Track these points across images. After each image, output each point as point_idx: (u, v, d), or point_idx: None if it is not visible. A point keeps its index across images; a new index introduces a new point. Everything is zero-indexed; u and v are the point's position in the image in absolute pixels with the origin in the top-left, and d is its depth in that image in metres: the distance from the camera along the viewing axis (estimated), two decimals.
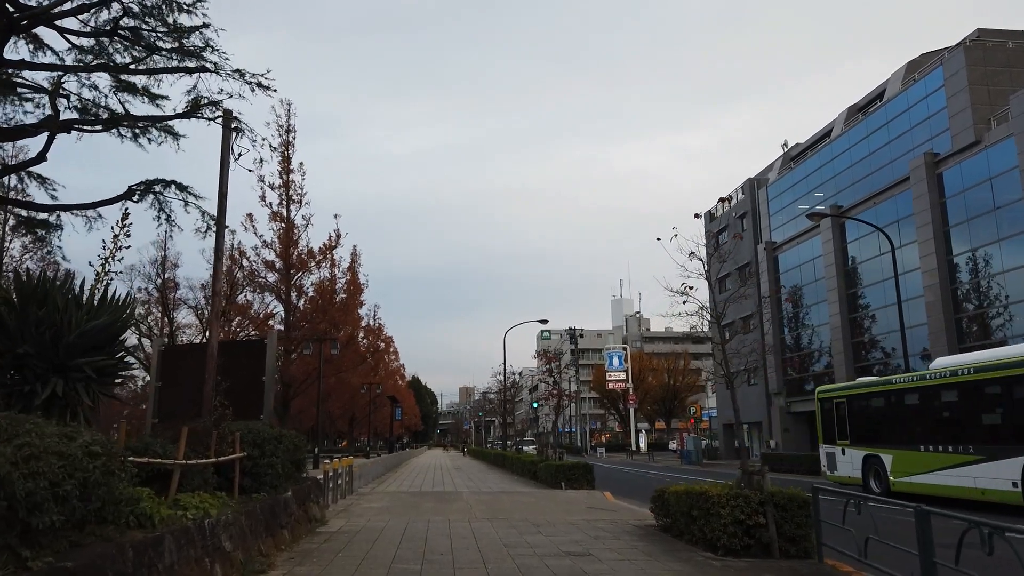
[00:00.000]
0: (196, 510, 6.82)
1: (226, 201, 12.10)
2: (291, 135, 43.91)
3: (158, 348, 12.21)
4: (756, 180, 47.04)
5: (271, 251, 42.55)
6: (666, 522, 10.93)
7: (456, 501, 16.13)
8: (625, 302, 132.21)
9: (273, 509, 8.99)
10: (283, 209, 42.95)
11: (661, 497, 11.00)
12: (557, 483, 20.63)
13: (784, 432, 41.07)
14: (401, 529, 11.06)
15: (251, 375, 11.58)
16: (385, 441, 76.28)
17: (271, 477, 9.79)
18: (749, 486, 9.26)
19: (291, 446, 10.97)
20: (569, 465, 20.79)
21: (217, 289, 11.74)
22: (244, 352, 11.97)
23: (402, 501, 16.16)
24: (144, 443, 7.47)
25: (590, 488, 20.30)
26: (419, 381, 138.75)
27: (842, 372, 35.57)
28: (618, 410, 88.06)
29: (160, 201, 11.26)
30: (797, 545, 8.68)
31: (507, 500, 16.54)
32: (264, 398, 11.45)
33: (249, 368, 11.69)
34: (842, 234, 36.54)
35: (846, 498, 7.33)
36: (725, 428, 50.48)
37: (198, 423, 9.27)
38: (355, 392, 52.13)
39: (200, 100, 10.45)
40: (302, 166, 43.24)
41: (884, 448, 18.75)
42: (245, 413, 11.06)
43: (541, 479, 22.96)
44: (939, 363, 18.42)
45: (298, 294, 43.05)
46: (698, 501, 9.33)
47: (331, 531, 10.85)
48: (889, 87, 35.06)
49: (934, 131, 30.61)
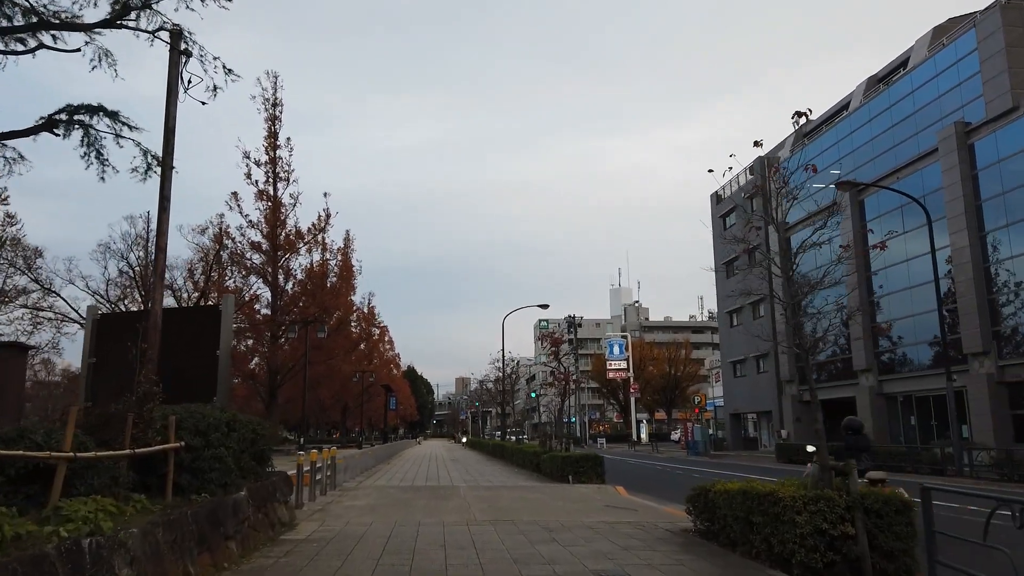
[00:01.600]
0: (81, 523, 4.79)
1: (174, 137, 9.99)
2: (278, 109, 41.61)
3: (93, 317, 10.15)
4: (767, 158, 44.90)
5: (257, 231, 40.31)
6: (708, 527, 8.96)
7: (452, 498, 14.12)
8: (624, 291, 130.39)
9: (215, 515, 6.95)
10: (269, 187, 40.66)
11: (702, 497, 9.01)
12: (563, 476, 18.65)
13: (796, 422, 39.17)
14: (385, 535, 9.04)
15: (203, 349, 9.54)
16: (380, 432, 74.38)
17: (218, 473, 7.77)
18: (828, 486, 7.27)
19: (249, 434, 8.94)
20: (577, 457, 18.80)
21: (162, 244, 9.64)
22: (195, 321, 9.91)
23: (391, 498, 14.14)
24: (18, 431, 5.43)
25: (600, 482, 18.33)
26: (415, 371, 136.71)
27: (861, 359, 33.64)
28: (618, 400, 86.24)
29: (89, 135, 9.16)
30: (895, 562, 6.69)
31: (510, 496, 14.54)
32: (219, 376, 9.40)
33: (201, 340, 9.65)
34: (861, 212, 34.51)
35: (996, 502, 5.26)
36: (732, 418, 48.61)
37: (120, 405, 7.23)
38: (347, 380, 50.09)
39: (130, 3, 8.31)
40: (289, 141, 41.02)
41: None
42: (195, 394, 9.04)
43: (545, 472, 20.99)
44: None
45: (286, 276, 40.81)
46: (762, 504, 7.31)
47: (298, 539, 8.82)
48: (913, 55, 32.94)
49: (965, 99, 28.56)
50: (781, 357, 40.89)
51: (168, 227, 9.88)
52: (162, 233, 9.82)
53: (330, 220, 40.38)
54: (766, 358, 43.58)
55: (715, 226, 50.74)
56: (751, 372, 45.62)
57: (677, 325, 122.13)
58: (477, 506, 12.50)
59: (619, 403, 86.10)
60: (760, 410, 45.14)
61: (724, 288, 49.26)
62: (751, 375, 45.66)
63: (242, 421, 8.81)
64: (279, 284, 39.89)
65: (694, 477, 24.26)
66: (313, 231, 40.49)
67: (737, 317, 47.79)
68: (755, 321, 45.19)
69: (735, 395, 47.98)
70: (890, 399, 32.74)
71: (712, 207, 51.31)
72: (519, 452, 27.15)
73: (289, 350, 39.85)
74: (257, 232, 39.99)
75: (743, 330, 46.65)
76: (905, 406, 31.71)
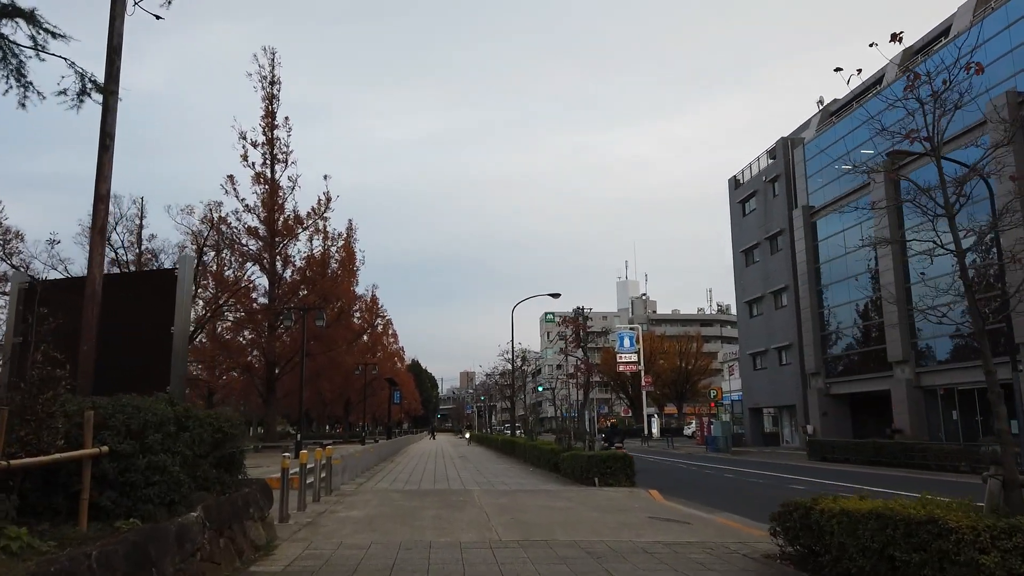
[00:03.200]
0: None
1: (119, 58, 7.94)
2: (276, 87, 39.51)
3: (18, 286, 8.07)
4: (790, 139, 42.69)
5: (254, 216, 38.22)
6: (804, 552, 6.91)
7: (466, 506, 12.05)
8: (631, 284, 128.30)
9: (141, 551, 4.87)
10: (267, 170, 38.50)
11: (801, 517, 6.91)
12: (588, 478, 16.58)
13: (822, 416, 37.01)
14: (386, 566, 6.97)
15: (154, 324, 7.46)
16: (384, 427, 72.40)
17: (159, 488, 5.71)
18: (1013, 508, 5.18)
19: (209, 434, 6.88)
20: (604, 456, 16.71)
21: (103, 192, 7.59)
22: (143, 290, 7.80)
23: (394, 506, 12.08)
24: None
25: (630, 485, 16.26)
26: (419, 365, 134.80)
27: (896, 349, 31.45)
28: (627, 394, 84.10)
29: (4, 47, 7.08)
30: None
31: (533, 504, 12.47)
32: (173, 360, 7.32)
33: (150, 314, 7.57)
34: (896, 191, 32.23)
35: None
36: (752, 412, 46.44)
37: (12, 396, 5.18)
38: (349, 373, 48.10)
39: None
40: (287, 121, 38.95)
41: None
42: (142, 382, 6.98)
43: (566, 472, 18.93)
44: None
45: (284, 264, 38.75)
46: (915, 535, 5.20)
47: (272, 572, 6.74)
48: (956, 22, 30.68)
49: (1018, 66, 26.31)
50: (806, 348, 38.73)
51: (111, 171, 7.81)
52: (104, 179, 7.75)
53: (330, 204, 38.35)
54: (789, 349, 41.40)
55: (733, 212, 48.51)
56: (772, 364, 43.44)
57: (685, 318, 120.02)
58: (498, 519, 10.42)
59: (628, 397, 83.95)
60: (782, 404, 42.99)
61: (743, 277, 47.07)
62: (772, 367, 43.48)
63: (199, 417, 6.74)
64: (277, 271, 37.84)
65: (726, 477, 22.19)
66: (313, 216, 38.43)
67: (757, 307, 45.58)
68: (776, 311, 43.01)
69: (754, 388, 45.82)
70: (929, 392, 30.58)
71: (730, 192, 49.06)
72: (533, 449, 25.08)
73: (289, 341, 37.84)
74: (254, 217, 37.92)
75: (763, 320, 44.51)
76: (946, 400, 29.54)
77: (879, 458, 25.10)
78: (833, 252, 37.20)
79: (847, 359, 36.35)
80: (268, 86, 38.09)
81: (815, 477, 21.15)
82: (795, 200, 40.76)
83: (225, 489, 7.45)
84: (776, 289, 42.58)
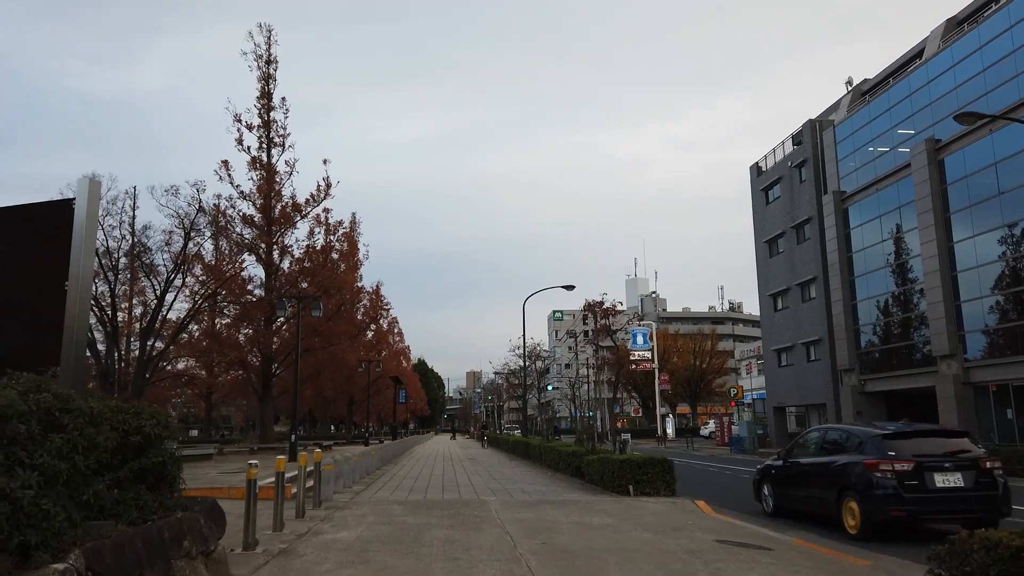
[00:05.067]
0: None
1: None
2: (272, 67, 37.15)
3: None
4: (819, 122, 40.22)
5: (250, 204, 35.95)
6: None
7: (483, 525, 9.76)
8: (640, 281, 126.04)
9: None
10: (263, 154, 36.07)
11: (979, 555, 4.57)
12: (621, 486, 14.26)
13: (857, 416, 34.54)
14: None
15: (37, 278, 5.19)
16: (389, 427, 70.14)
17: None
18: None
19: (113, 439, 4.61)
20: (639, 460, 14.37)
21: None
22: (24, 229, 5.50)
23: (394, 524, 9.81)
24: None
25: (670, 494, 13.95)
26: (425, 364, 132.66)
27: (942, 343, 28.99)
28: (640, 392, 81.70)
29: None
30: None
31: (565, 521, 10.18)
32: (65, 329, 5.04)
33: (34, 264, 5.31)
34: (940, 173, 29.81)
35: None
36: (775, 412, 43.98)
37: None
38: (352, 371, 45.87)
39: None
40: (284, 102, 36.69)
41: None
42: (27, 356, 4.76)
43: (591, 478, 16.61)
44: None
45: (281, 253, 36.45)
46: None
47: None
48: None
49: None
50: (838, 343, 36.28)
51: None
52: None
53: (330, 190, 36.02)
54: (818, 344, 38.94)
55: (755, 200, 46.04)
56: (799, 360, 40.96)
57: (696, 316, 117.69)
58: (527, 543, 8.12)
59: (641, 396, 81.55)
60: (810, 403, 40.52)
61: (766, 268, 44.59)
62: (799, 364, 41.00)
63: (92, 412, 4.48)
64: (273, 262, 35.58)
65: None
66: (312, 203, 36.15)
67: (782, 300, 43.10)
68: (804, 304, 40.55)
69: (779, 386, 43.35)
70: (979, 389, 28.12)
71: (752, 180, 46.60)
72: (551, 452, 22.76)
73: (288, 336, 35.61)
74: (249, 204, 35.69)
75: (790, 314, 42.06)
76: (999, 397, 27.08)
77: None
78: (868, 239, 34.72)
79: (884, 354, 33.89)
80: (264, 65, 35.89)
81: None
82: (825, 185, 38.31)
83: (145, 515, 5.18)
84: (804, 280, 40.12)
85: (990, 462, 9.72)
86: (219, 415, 75.39)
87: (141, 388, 26.88)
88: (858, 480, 9.68)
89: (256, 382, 35.36)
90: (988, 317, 27.55)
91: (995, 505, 9.49)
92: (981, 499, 9.47)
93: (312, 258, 36.30)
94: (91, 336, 28.29)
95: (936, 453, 9.75)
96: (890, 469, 9.41)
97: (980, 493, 9.44)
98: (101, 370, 27.03)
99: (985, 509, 9.43)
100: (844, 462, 10.21)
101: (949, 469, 9.45)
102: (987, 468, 9.63)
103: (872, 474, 9.52)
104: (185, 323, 30.69)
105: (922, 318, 30.89)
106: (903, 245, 32.41)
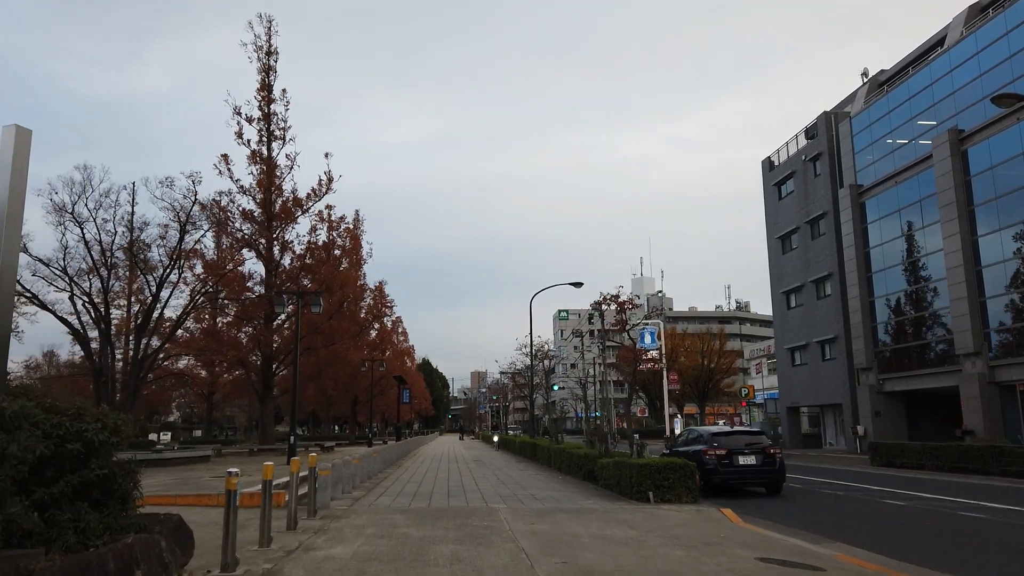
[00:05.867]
0: None
1: None
2: (272, 58, 36.21)
3: None
4: (834, 114, 39.12)
5: (250, 198, 35.02)
6: None
7: (494, 539, 8.79)
8: (646, 280, 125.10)
9: None
10: (263, 147, 35.07)
11: None
12: (639, 492, 13.27)
13: (875, 416, 33.48)
14: None
15: None
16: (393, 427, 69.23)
17: None
18: None
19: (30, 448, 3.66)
20: (660, 464, 13.36)
21: None
22: None
23: (395, 537, 8.85)
24: None
25: (693, 501, 12.96)
26: (430, 364, 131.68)
27: (966, 340, 27.91)
28: (647, 392, 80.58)
29: None
30: None
31: (584, 533, 9.21)
32: None
33: None
34: (964, 165, 28.73)
35: None
36: (789, 412, 42.90)
37: None
38: (356, 370, 44.96)
39: None
40: (285, 94, 35.70)
41: None
42: None
43: (606, 483, 15.62)
44: None
45: (282, 249, 35.54)
46: None
47: None
48: None
49: None
50: (855, 341, 35.19)
51: None
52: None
53: (332, 184, 35.09)
54: (834, 343, 37.85)
55: (767, 196, 44.95)
56: (814, 359, 39.87)
57: (703, 315, 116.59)
58: (544, 565, 7.14)
59: (648, 396, 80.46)
60: (825, 403, 39.45)
61: (779, 264, 43.50)
62: (814, 363, 39.91)
63: (5, 415, 3.53)
64: (274, 258, 34.68)
65: (793, 487, 18.80)
66: (313, 197, 35.23)
67: (796, 297, 42.01)
68: (819, 301, 39.47)
69: (793, 386, 42.25)
70: (1005, 388, 27.04)
71: (764, 175, 45.52)
72: (561, 454, 21.77)
73: (289, 335, 34.71)
74: (249, 199, 34.81)
75: (804, 312, 40.98)
76: None
77: (963, 464, 21.63)
78: (886, 234, 33.62)
79: (904, 352, 32.79)
80: (264, 56, 35.01)
81: (900, 487, 17.72)
82: (841, 179, 37.22)
83: (87, 540, 4.23)
84: (819, 277, 39.04)
85: (773, 449, 15.81)
86: (221, 415, 74.50)
87: (136, 387, 26.00)
88: (699, 460, 15.18)
89: (256, 382, 34.47)
90: (1015, 314, 26.46)
91: (774, 475, 15.59)
92: (767, 471, 15.53)
93: (314, 254, 35.41)
94: (84, 334, 27.44)
95: (741, 444, 15.80)
96: (714, 453, 15.63)
97: (766, 467, 15.51)
98: (94, 369, 26.14)
99: (769, 477, 15.62)
100: (695, 449, 16.26)
101: (747, 453, 15.58)
102: (771, 453, 15.69)
103: (704, 456, 15.61)
104: (182, 320, 29.79)
105: (943, 315, 29.81)
106: (924, 240, 31.32)
